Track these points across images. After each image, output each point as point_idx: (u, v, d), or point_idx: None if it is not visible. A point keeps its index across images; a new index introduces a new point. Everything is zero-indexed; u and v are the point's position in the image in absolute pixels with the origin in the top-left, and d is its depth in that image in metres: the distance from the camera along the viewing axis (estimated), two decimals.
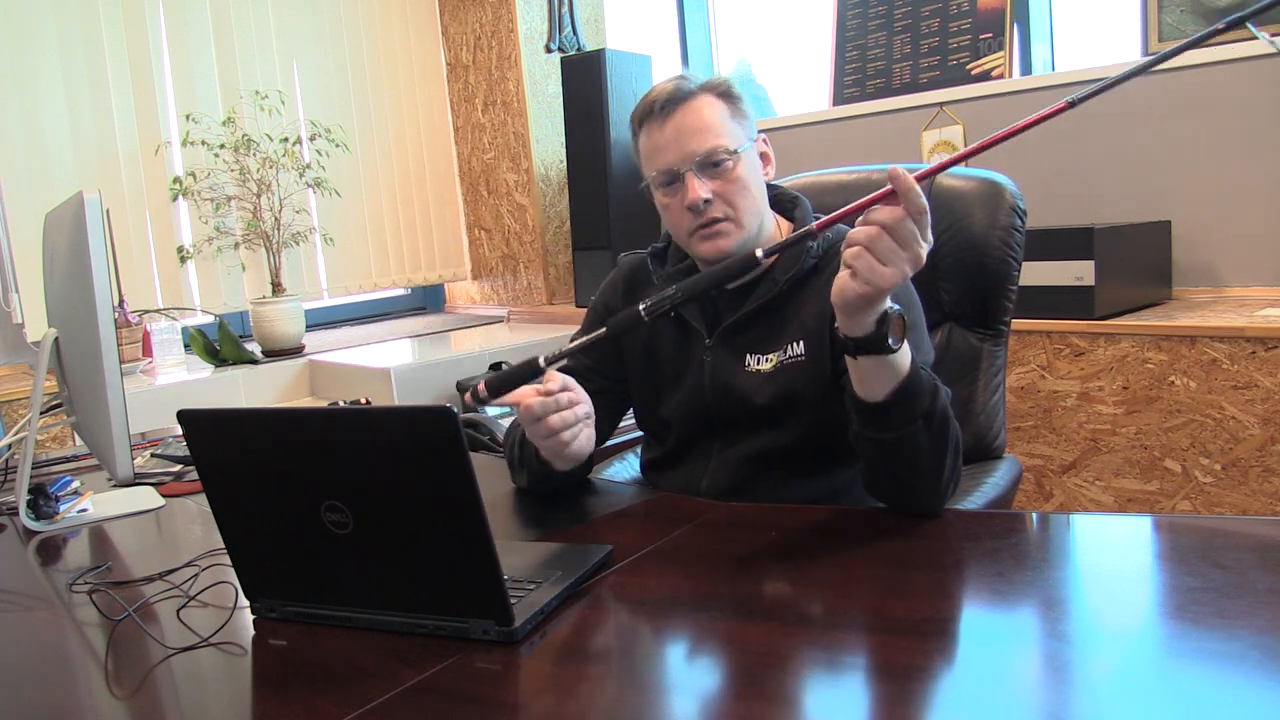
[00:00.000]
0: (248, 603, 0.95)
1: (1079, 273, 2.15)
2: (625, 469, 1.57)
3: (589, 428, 1.15)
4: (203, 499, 1.15)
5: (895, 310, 0.96)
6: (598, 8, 3.77)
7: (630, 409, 1.42)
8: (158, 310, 3.20)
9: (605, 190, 3.34)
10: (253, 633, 0.92)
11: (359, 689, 0.78)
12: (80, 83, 3.07)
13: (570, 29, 3.58)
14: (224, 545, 0.95)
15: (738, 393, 1.26)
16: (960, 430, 1.07)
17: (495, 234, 3.96)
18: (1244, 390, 1.96)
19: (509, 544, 1.07)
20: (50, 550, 1.27)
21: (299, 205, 3.35)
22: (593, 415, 1.16)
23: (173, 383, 2.85)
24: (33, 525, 1.32)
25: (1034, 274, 2.15)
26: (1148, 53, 2.47)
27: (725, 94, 1.24)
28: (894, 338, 0.95)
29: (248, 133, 3.19)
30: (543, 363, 1.06)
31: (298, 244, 3.35)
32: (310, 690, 0.79)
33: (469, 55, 3.88)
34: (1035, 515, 1.11)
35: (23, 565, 1.23)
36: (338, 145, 3.31)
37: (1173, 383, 2.05)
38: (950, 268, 1.46)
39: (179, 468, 1.59)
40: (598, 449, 1.41)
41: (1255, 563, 0.87)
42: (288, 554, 0.92)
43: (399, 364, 2.84)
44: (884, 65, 3.01)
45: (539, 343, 3.17)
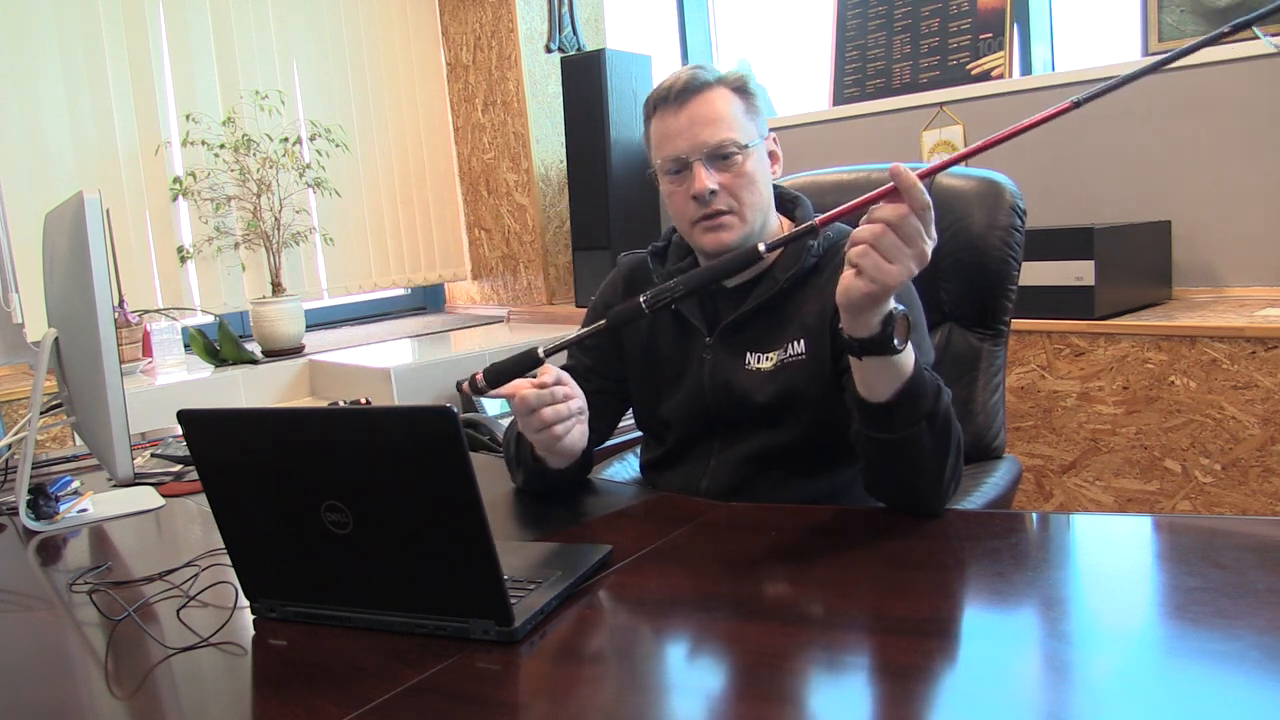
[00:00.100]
0: (248, 603, 0.95)
1: (1079, 273, 2.15)
2: (625, 469, 1.57)
3: (582, 423, 1.15)
4: (203, 499, 1.15)
5: (899, 311, 0.96)
6: (598, 8, 3.77)
7: (630, 409, 1.42)
8: (158, 310, 3.20)
9: (605, 190, 3.34)
10: (253, 633, 0.92)
11: (359, 689, 0.78)
12: (80, 83, 3.07)
13: (570, 29, 3.58)
14: (224, 545, 0.95)
15: (738, 391, 1.26)
16: (961, 431, 1.07)
17: (495, 234, 3.96)
18: (1244, 390, 1.96)
19: (509, 544, 1.07)
20: (50, 550, 1.27)
21: (299, 205, 3.35)
22: (586, 411, 1.16)
23: (173, 383, 2.85)
24: (33, 525, 1.32)
25: (1034, 274, 2.15)
26: (1148, 52, 2.47)
27: (740, 89, 1.24)
28: (899, 338, 0.95)
29: (248, 133, 3.19)
30: (541, 353, 1.06)
31: (298, 244, 3.35)
32: (310, 690, 0.79)
33: (469, 55, 3.88)
34: (1035, 515, 1.11)
35: (23, 565, 1.23)
36: (338, 145, 3.31)
37: (1173, 383, 2.05)
38: (950, 267, 1.46)
39: (179, 468, 1.59)
40: (597, 449, 1.41)
41: (1255, 563, 0.87)
42: (288, 554, 0.92)
43: (399, 364, 2.84)
44: (884, 65, 3.01)
45: (539, 343, 3.16)
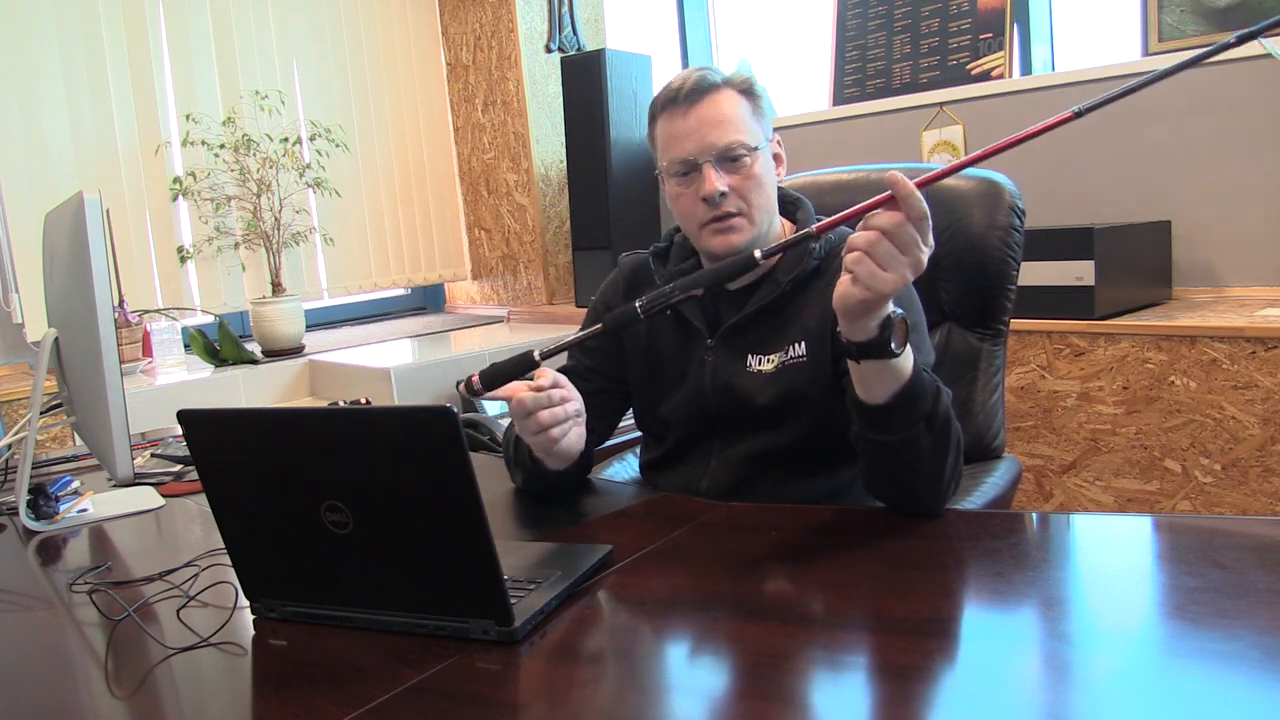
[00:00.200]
0: (248, 603, 0.95)
1: (1079, 273, 2.15)
2: (625, 469, 1.57)
3: (579, 426, 1.15)
4: (203, 499, 1.15)
5: (898, 314, 0.96)
6: (598, 8, 3.77)
7: (630, 409, 1.42)
8: (158, 310, 3.20)
9: (605, 190, 3.34)
10: (253, 633, 0.92)
11: (359, 689, 0.78)
12: (80, 83, 3.07)
13: (570, 29, 3.58)
14: (224, 545, 0.95)
15: (739, 393, 1.26)
16: (961, 431, 1.07)
17: (495, 234, 3.96)
18: (1244, 390, 1.96)
19: (509, 544, 1.07)
20: (50, 550, 1.27)
21: (299, 205, 3.35)
22: (584, 414, 1.15)
23: (173, 383, 2.85)
24: (33, 525, 1.32)
25: (1034, 274, 2.15)
26: (1148, 53, 2.47)
27: (747, 91, 1.24)
28: (896, 342, 0.95)
29: (248, 133, 3.19)
30: (537, 356, 1.06)
31: (298, 244, 3.35)
32: (310, 690, 0.79)
33: (469, 55, 3.88)
34: (1035, 515, 1.11)
35: (23, 565, 1.23)
36: (338, 145, 3.31)
37: (1173, 383, 2.05)
38: (950, 268, 1.46)
39: (179, 468, 1.59)
40: (598, 449, 1.41)
41: (1255, 563, 0.87)
42: (288, 554, 0.92)
43: (399, 364, 2.84)
44: (884, 65, 3.01)
45: (539, 343, 3.16)
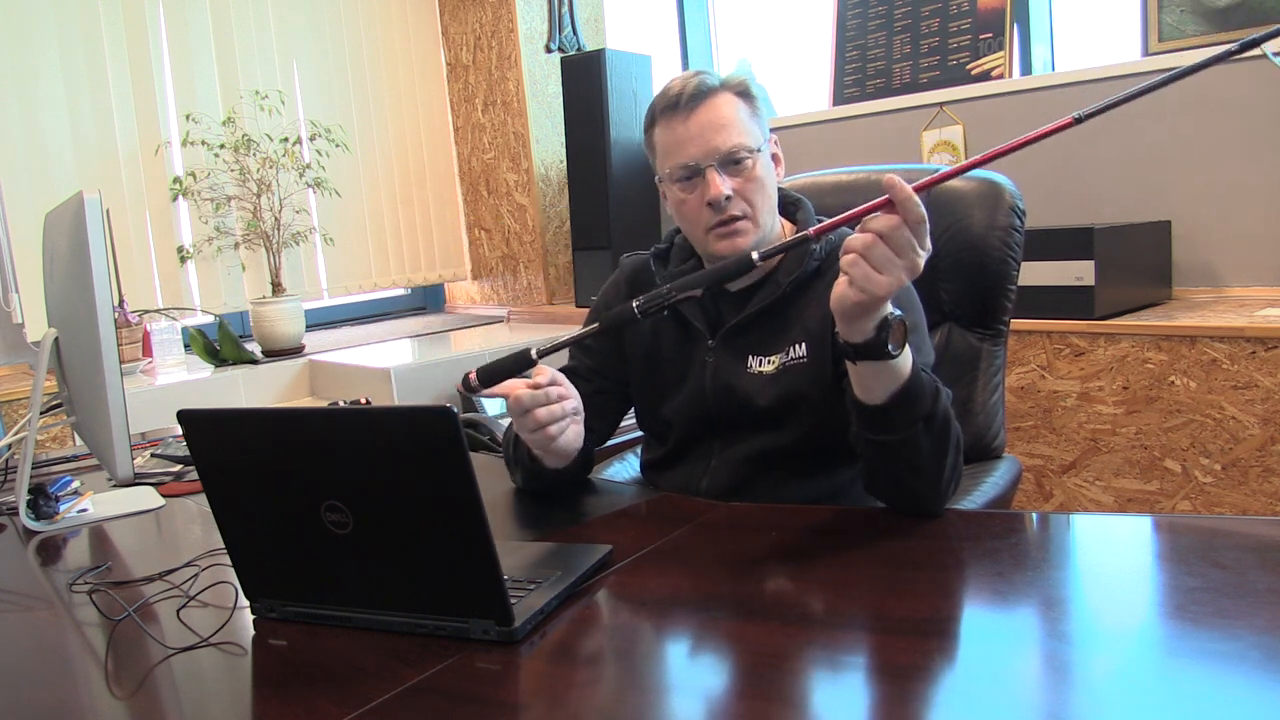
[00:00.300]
0: (248, 603, 0.95)
1: (1079, 273, 2.15)
2: (625, 469, 1.57)
3: (577, 424, 1.14)
4: (203, 499, 1.15)
5: (895, 316, 0.96)
6: (598, 8, 3.77)
7: (631, 410, 1.42)
8: (158, 310, 3.20)
9: (605, 190, 3.34)
10: (253, 633, 0.92)
11: (359, 689, 0.78)
12: (80, 83, 3.07)
13: (570, 29, 3.58)
14: (224, 545, 0.95)
15: (740, 394, 1.26)
16: (961, 431, 1.07)
17: (495, 234, 3.96)
18: (1244, 390, 1.96)
19: (509, 544, 1.07)
20: (50, 550, 1.27)
21: (299, 205, 3.35)
22: (581, 411, 1.15)
23: (173, 383, 2.85)
24: (33, 525, 1.32)
25: (1034, 274, 2.15)
26: (1148, 53, 2.47)
27: (744, 93, 1.24)
28: (894, 344, 0.95)
29: (248, 133, 3.19)
30: (535, 354, 1.06)
31: (298, 244, 3.35)
32: (310, 690, 0.79)
33: (469, 55, 3.88)
34: (1035, 515, 1.11)
35: (23, 565, 1.23)
36: (338, 145, 3.31)
37: (1173, 383, 2.05)
38: (950, 268, 1.46)
39: (179, 468, 1.59)
40: (598, 449, 1.41)
41: (1255, 563, 0.87)
42: (288, 554, 0.92)
43: (399, 364, 2.84)
44: (884, 65, 3.01)
45: (537, 342, 3.17)
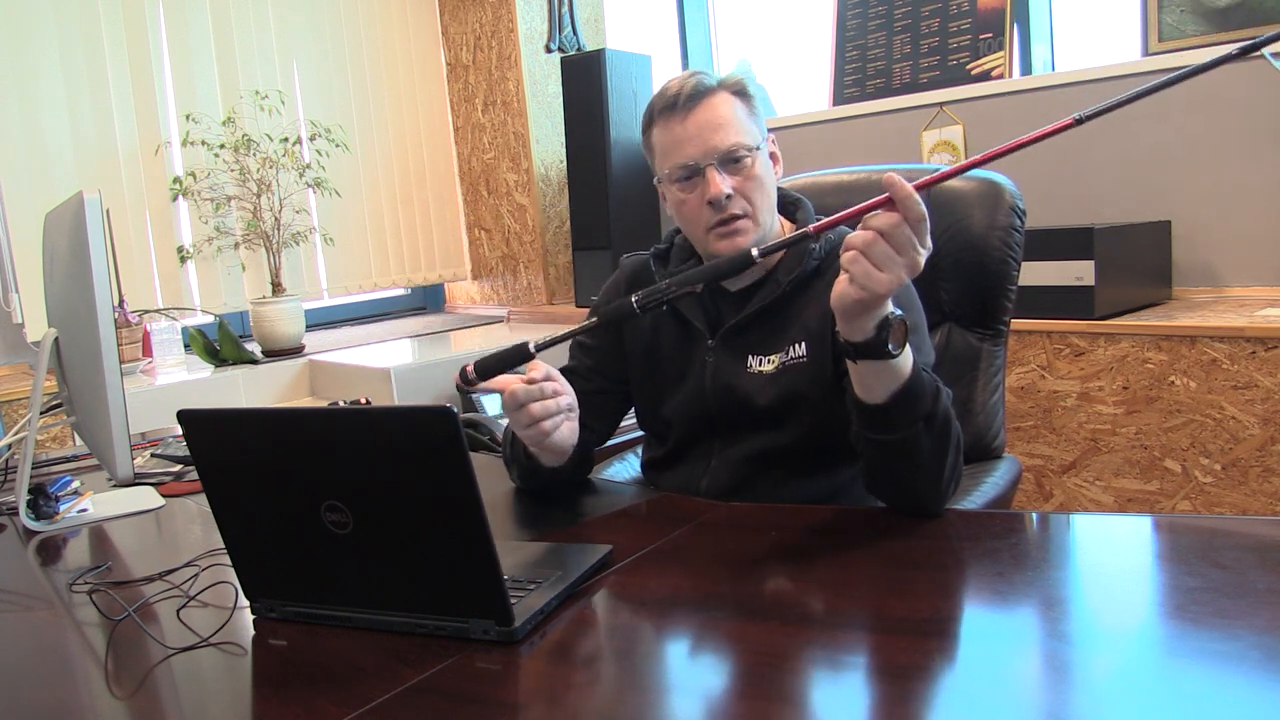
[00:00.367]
0: (248, 603, 0.95)
1: (1079, 273, 2.15)
2: (625, 469, 1.57)
3: (571, 420, 1.15)
4: (203, 499, 1.15)
5: (896, 316, 0.96)
6: (598, 8, 3.77)
7: (631, 409, 1.42)
8: (158, 310, 3.20)
9: (605, 190, 3.34)
10: (253, 633, 0.92)
11: (359, 689, 0.78)
12: (80, 83, 3.07)
13: (570, 29, 3.58)
14: (224, 545, 0.95)
15: (740, 394, 1.26)
16: (961, 431, 1.07)
17: (495, 234, 3.96)
18: (1244, 390, 1.96)
19: (509, 544, 1.07)
20: (50, 550, 1.27)
21: (299, 205, 3.35)
22: (576, 408, 1.16)
23: (173, 383, 2.85)
24: (33, 525, 1.32)
25: (1034, 274, 2.15)
26: (1148, 53, 2.47)
27: (741, 92, 1.25)
28: (894, 344, 0.95)
29: (248, 133, 3.19)
30: (532, 348, 1.06)
31: (298, 244, 3.35)
32: (310, 690, 0.79)
33: (469, 55, 3.87)
34: (1035, 515, 1.11)
35: (23, 565, 1.23)
36: (338, 145, 3.31)
37: (1173, 383, 2.05)
38: (950, 268, 1.46)
39: (179, 468, 1.59)
40: (598, 449, 1.41)
41: (1255, 563, 0.87)
42: (288, 554, 0.92)
43: (399, 364, 2.84)
44: (884, 65, 3.01)
45: (537, 338, 3.17)
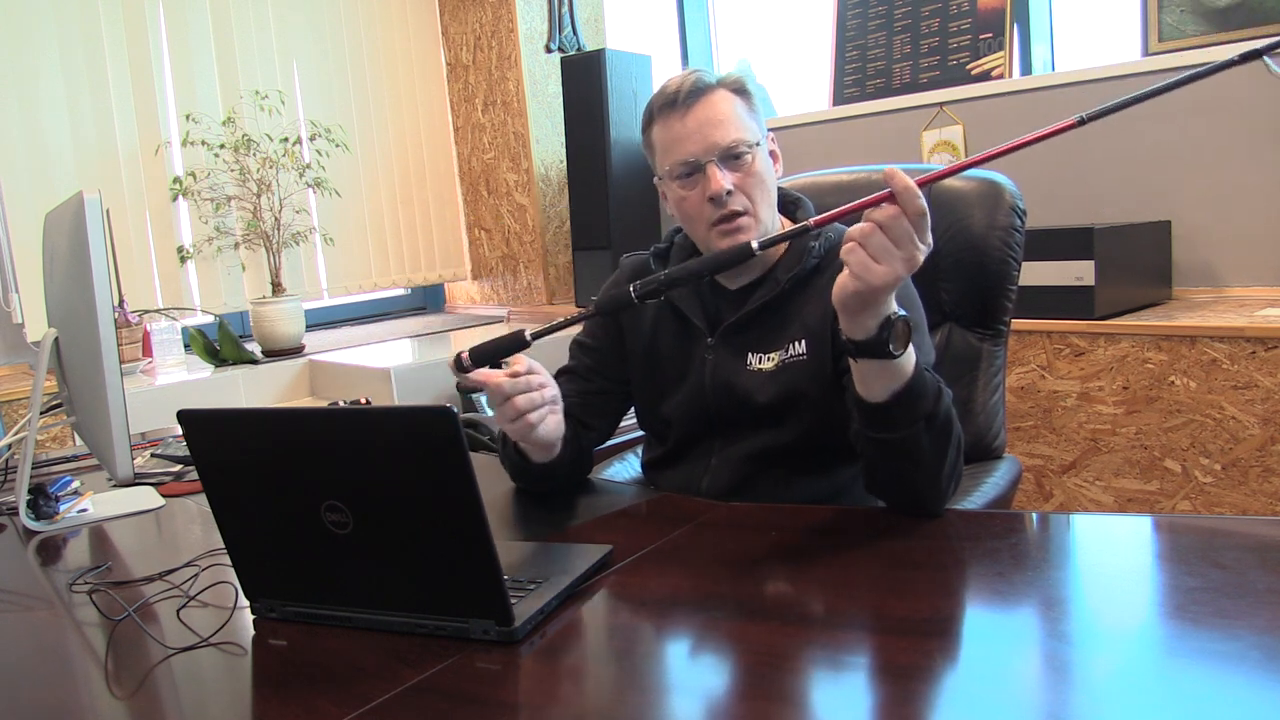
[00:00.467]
0: (248, 603, 0.95)
1: (1079, 273, 2.15)
2: (625, 469, 1.57)
3: (556, 412, 1.17)
4: (203, 499, 1.15)
5: (899, 316, 0.95)
6: (598, 8, 3.77)
7: (631, 409, 1.42)
8: (158, 310, 3.20)
9: (605, 190, 3.34)
10: (253, 633, 0.92)
11: (359, 689, 0.78)
12: (80, 83, 3.07)
13: (570, 29, 3.58)
14: (224, 545, 0.95)
15: (739, 391, 1.26)
16: (962, 431, 1.07)
17: (495, 234, 3.96)
18: (1244, 390, 1.96)
19: (509, 544, 1.07)
20: (50, 550, 1.27)
21: (299, 205, 3.35)
22: (560, 400, 1.18)
23: (173, 383, 2.85)
24: (33, 525, 1.32)
25: (1034, 274, 2.15)
26: (1148, 53, 2.47)
27: (740, 90, 1.25)
28: (896, 344, 0.95)
29: (248, 133, 3.19)
30: (529, 335, 1.07)
31: (298, 244, 3.35)
32: (310, 690, 0.79)
33: (469, 55, 3.87)
34: (1035, 515, 1.11)
35: (23, 565, 1.23)
36: (338, 145, 3.31)
37: (1173, 383, 2.05)
38: (950, 268, 1.46)
39: (179, 468, 1.59)
40: (598, 449, 1.41)
41: (1255, 563, 0.87)
42: (288, 554, 0.92)
43: (399, 364, 2.84)
44: (884, 65, 3.01)
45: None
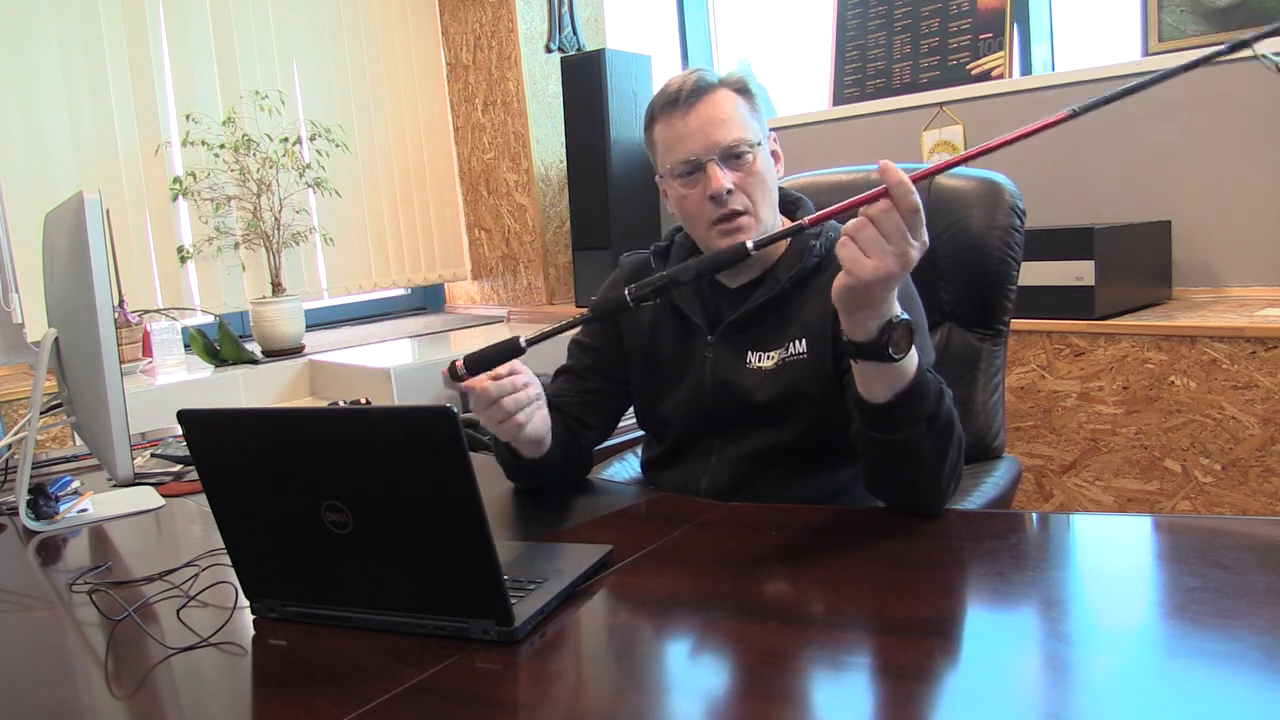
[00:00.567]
0: (248, 603, 0.95)
1: (1079, 273, 2.15)
2: (625, 469, 1.57)
3: (541, 409, 1.18)
4: (203, 499, 1.15)
5: (901, 319, 0.94)
6: (598, 8, 3.77)
7: (630, 408, 1.42)
8: (158, 310, 3.20)
9: (605, 190, 3.34)
10: (253, 633, 0.92)
11: (359, 689, 0.78)
12: (80, 83, 3.07)
13: (570, 29, 3.58)
14: (224, 545, 0.95)
15: (739, 390, 1.26)
16: (963, 431, 1.06)
17: (495, 234, 3.96)
18: (1244, 390, 1.96)
19: (509, 544, 1.07)
20: (50, 550, 1.27)
21: (299, 205, 3.35)
22: (543, 397, 1.19)
23: (173, 383, 2.85)
24: (33, 525, 1.32)
25: (1034, 274, 2.15)
26: (1148, 53, 2.47)
27: (742, 90, 1.25)
28: (896, 348, 0.94)
29: (248, 133, 3.19)
30: (523, 342, 1.07)
31: (298, 244, 3.35)
32: (310, 690, 0.79)
33: (469, 55, 3.87)
34: (1035, 515, 1.11)
35: (23, 565, 1.23)
36: (338, 145, 3.31)
37: (1173, 383, 2.05)
38: (949, 268, 1.46)
39: (179, 468, 1.59)
40: (598, 449, 1.41)
41: (1255, 563, 0.87)
42: (288, 554, 0.92)
43: (399, 364, 2.83)
44: (884, 65, 3.01)
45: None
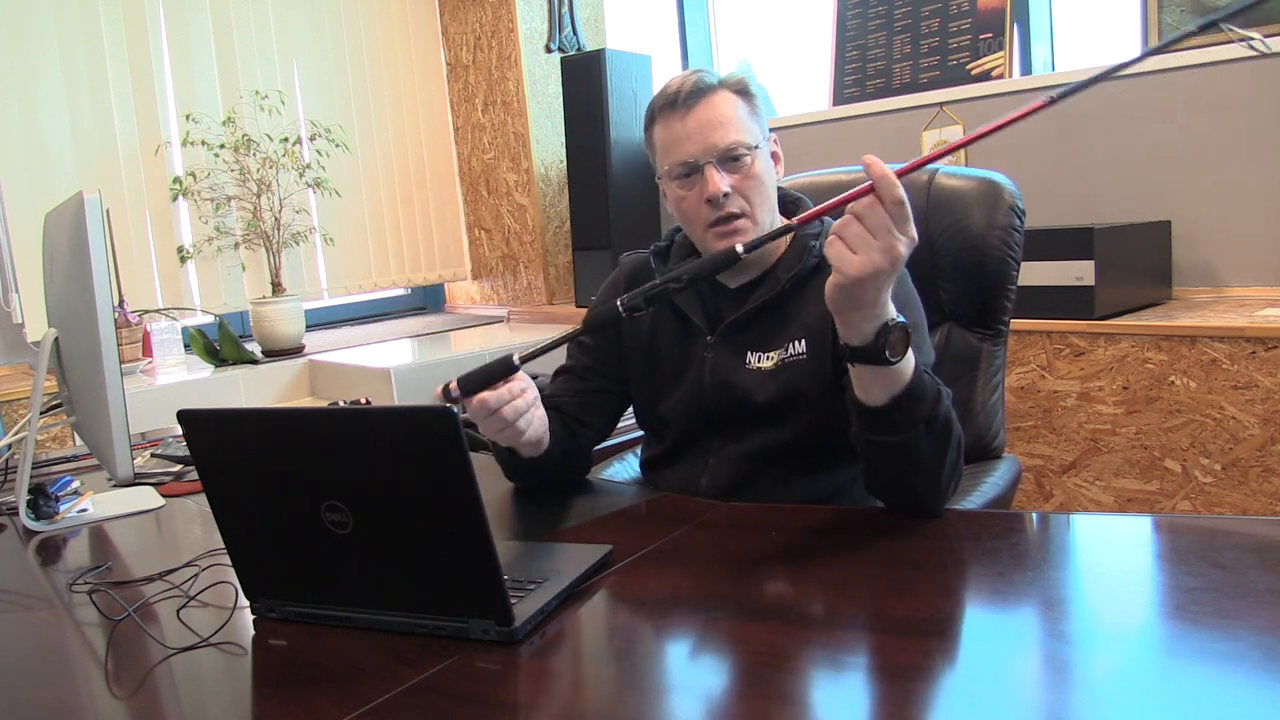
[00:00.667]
0: (248, 603, 0.95)
1: (1079, 273, 2.15)
2: (625, 469, 1.57)
3: (539, 409, 1.18)
4: (203, 499, 1.15)
5: (897, 322, 0.94)
6: (598, 8, 3.77)
7: (630, 408, 1.42)
8: (158, 310, 3.20)
9: (605, 190, 3.34)
10: (253, 633, 0.92)
11: (359, 689, 0.78)
12: (80, 83, 3.07)
13: (570, 29, 3.58)
14: (224, 545, 0.95)
15: (738, 390, 1.26)
16: (962, 432, 1.06)
17: (495, 234, 3.96)
18: (1244, 390, 1.96)
19: (509, 544, 1.07)
20: (50, 550, 1.27)
21: (299, 205, 3.35)
22: (538, 397, 1.18)
23: (173, 383, 2.85)
24: (33, 525, 1.32)
25: (1034, 274, 2.15)
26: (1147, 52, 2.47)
27: (742, 91, 1.25)
28: (893, 351, 0.94)
29: (248, 133, 3.19)
30: (516, 359, 1.07)
31: (298, 244, 3.35)
32: (310, 690, 0.79)
33: (469, 55, 3.88)
34: (1035, 515, 1.11)
35: (23, 565, 1.23)
36: (338, 145, 3.31)
37: (1173, 383, 2.05)
38: (949, 268, 1.46)
39: (179, 468, 1.59)
40: (597, 449, 1.41)
41: (1255, 563, 0.87)
42: (288, 554, 0.92)
43: (399, 364, 2.84)
44: (884, 65, 3.01)
45: (538, 343, 3.17)
